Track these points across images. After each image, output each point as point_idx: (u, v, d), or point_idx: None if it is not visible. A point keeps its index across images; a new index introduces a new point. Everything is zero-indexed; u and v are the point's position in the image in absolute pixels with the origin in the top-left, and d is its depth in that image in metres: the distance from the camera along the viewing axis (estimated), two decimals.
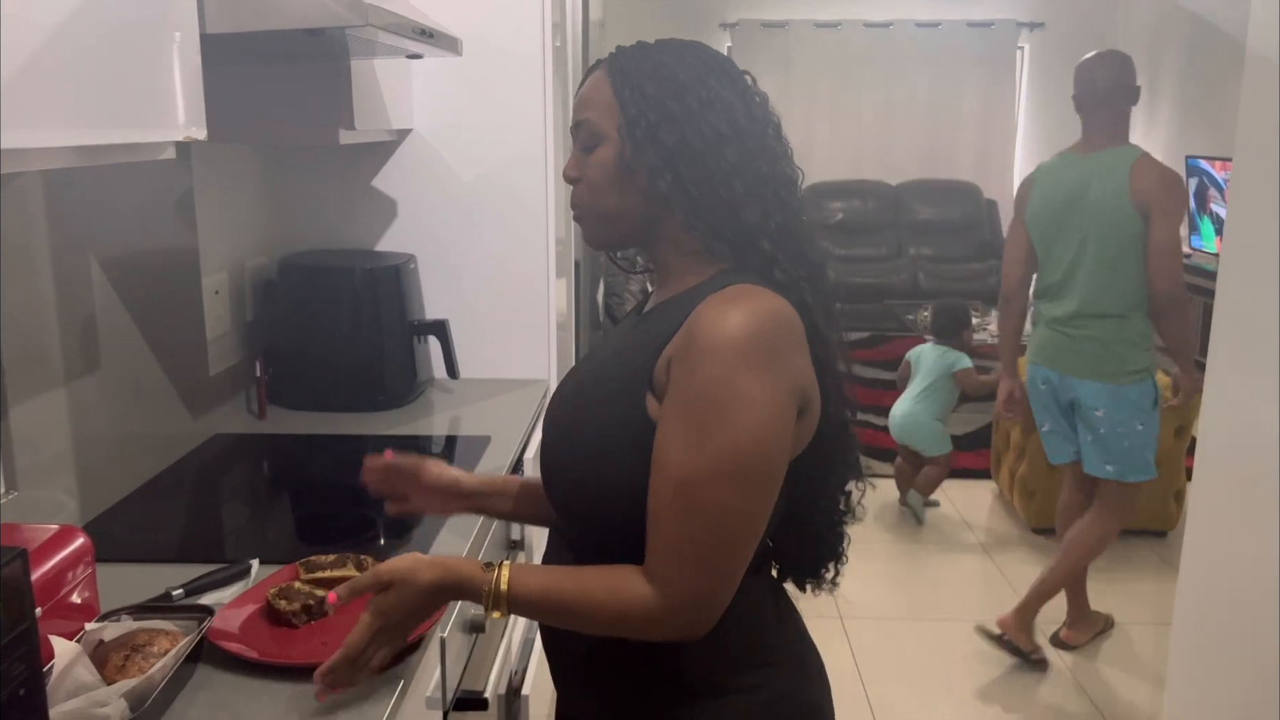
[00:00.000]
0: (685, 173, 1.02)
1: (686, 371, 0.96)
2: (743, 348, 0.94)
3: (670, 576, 0.96)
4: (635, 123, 1.03)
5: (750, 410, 0.94)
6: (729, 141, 1.03)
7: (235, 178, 2.14)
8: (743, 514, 0.97)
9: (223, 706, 1.05)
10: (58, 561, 1.06)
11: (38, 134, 0.90)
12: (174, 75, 1.14)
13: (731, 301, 0.97)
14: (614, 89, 1.05)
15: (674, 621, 0.97)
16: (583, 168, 1.09)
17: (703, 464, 0.94)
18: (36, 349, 1.43)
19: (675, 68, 1.04)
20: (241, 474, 1.87)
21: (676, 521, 0.96)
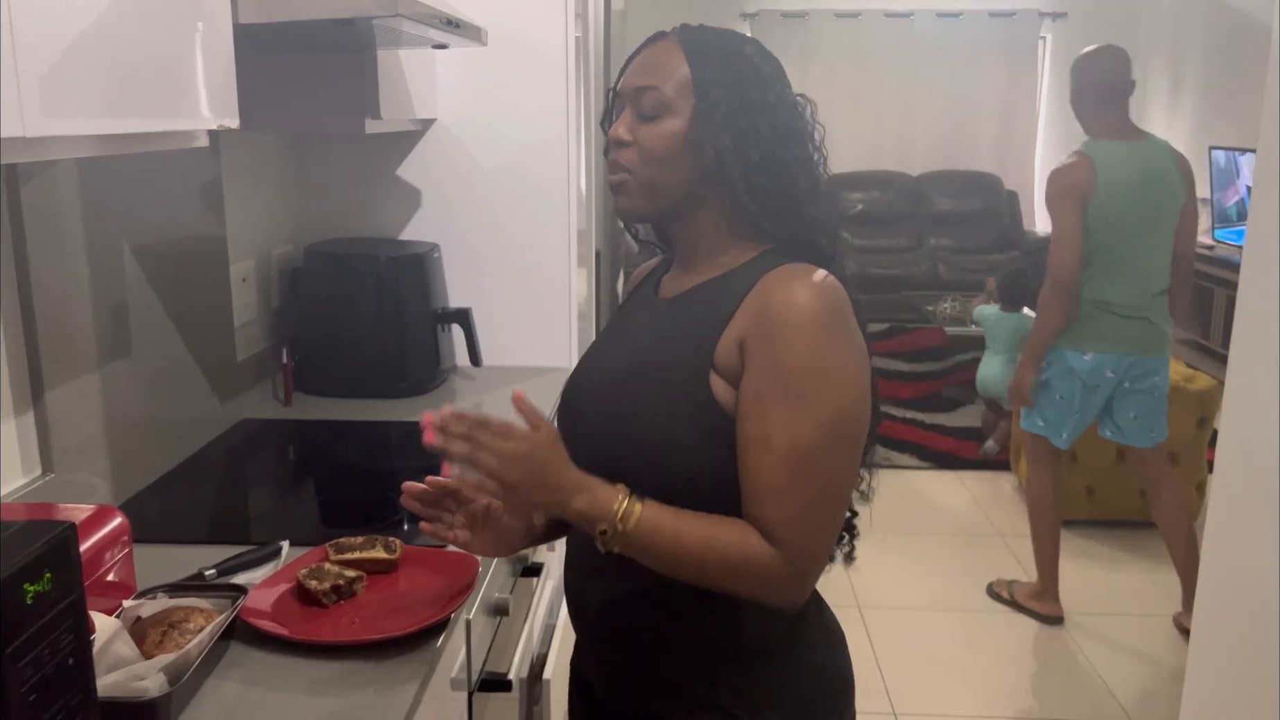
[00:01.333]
0: (755, 158, 1.05)
1: (773, 351, 1.00)
2: (826, 319, 1.00)
3: (797, 543, 1.00)
4: (715, 105, 1.05)
5: (844, 375, 1.00)
6: (794, 137, 1.07)
7: (262, 167, 2.16)
8: (849, 474, 1.04)
9: (255, 682, 1.07)
10: (97, 540, 1.09)
11: (75, 122, 0.92)
12: (208, 65, 1.16)
13: (795, 278, 1.02)
14: (690, 64, 1.07)
15: (793, 584, 1.02)
16: (637, 132, 1.08)
17: (813, 432, 0.98)
18: (71, 335, 1.46)
19: (756, 60, 1.08)
20: (268, 458, 1.90)
21: (796, 490, 0.99)
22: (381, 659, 1.12)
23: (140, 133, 1.05)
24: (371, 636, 1.13)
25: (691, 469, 1.03)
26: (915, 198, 7.58)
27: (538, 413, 1.00)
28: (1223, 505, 2.11)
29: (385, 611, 1.20)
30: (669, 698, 1.12)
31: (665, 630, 1.11)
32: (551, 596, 2.37)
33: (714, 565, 1.01)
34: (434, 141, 2.30)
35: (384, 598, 1.24)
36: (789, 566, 1.00)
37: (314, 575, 1.23)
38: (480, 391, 2.23)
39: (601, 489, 1.01)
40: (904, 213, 7.50)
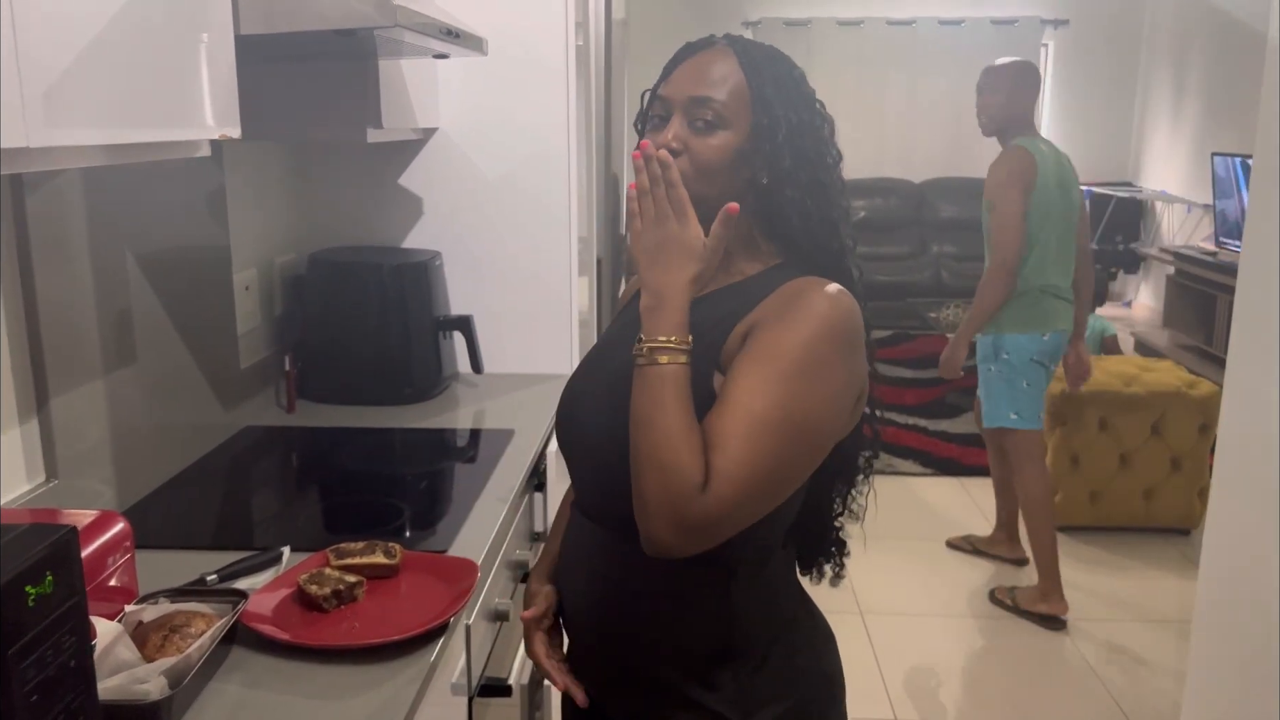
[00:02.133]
0: (804, 178, 1.08)
1: (780, 330, 1.01)
2: (838, 328, 1.02)
3: (716, 493, 0.96)
4: (776, 123, 1.07)
5: (827, 384, 1.01)
6: (828, 148, 1.11)
7: (265, 176, 2.18)
8: (790, 469, 1.02)
9: (256, 686, 1.08)
10: (99, 545, 1.10)
11: (78, 132, 0.93)
12: (210, 75, 1.18)
13: (820, 286, 1.04)
14: (749, 81, 1.08)
15: (687, 527, 0.97)
16: (690, 143, 1.08)
17: (774, 411, 0.98)
18: (75, 342, 1.48)
19: (804, 84, 1.11)
20: (271, 465, 1.91)
21: (738, 448, 0.97)
22: (381, 663, 1.13)
23: (143, 143, 1.06)
24: (371, 641, 1.14)
25: None
26: (918, 204, 7.59)
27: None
28: (1221, 510, 2.12)
29: (385, 616, 1.21)
30: (660, 700, 1.13)
31: (655, 632, 1.12)
32: None
33: (652, 444, 0.98)
34: (436, 150, 2.32)
35: (384, 603, 1.25)
36: (699, 506, 0.96)
37: (314, 580, 1.24)
38: (483, 399, 2.24)
39: (677, 313, 1.01)
40: (906, 219, 7.51)
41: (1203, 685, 2.18)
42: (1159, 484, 3.76)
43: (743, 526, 1.01)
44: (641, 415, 1.00)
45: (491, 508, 1.63)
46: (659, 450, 0.98)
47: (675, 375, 1.00)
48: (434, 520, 1.61)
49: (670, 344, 1.01)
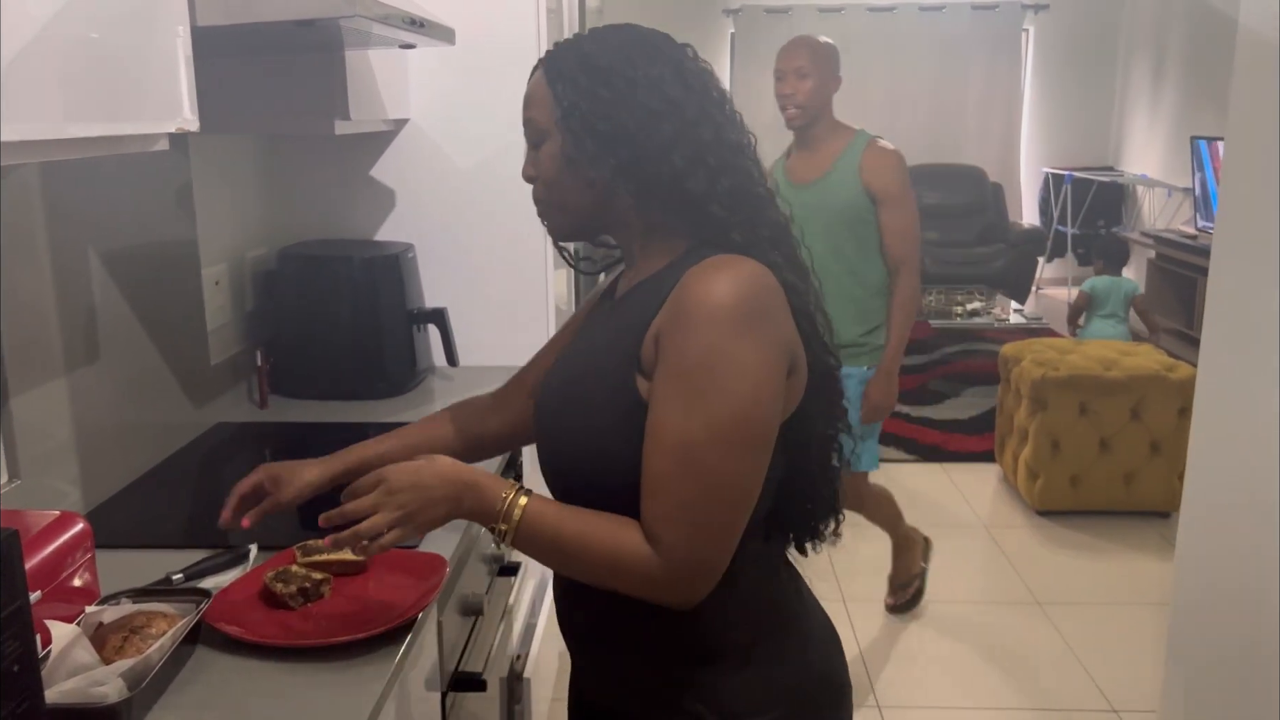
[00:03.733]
0: (624, 154, 1.05)
1: (679, 340, 0.98)
2: (732, 314, 0.97)
3: (670, 541, 0.98)
4: (570, 114, 1.06)
5: (744, 375, 0.97)
6: (662, 116, 1.04)
7: (234, 169, 2.16)
8: (739, 478, 0.99)
9: (220, 686, 1.07)
10: (57, 546, 1.09)
11: (24, 127, 0.91)
12: (165, 67, 1.16)
13: (715, 270, 1.00)
14: (549, 83, 1.09)
15: (671, 584, 0.99)
16: (533, 164, 1.12)
17: (700, 430, 0.96)
18: (37, 340, 1.46)
19: (599, 54, 1.07)
20: (243, 462, 1.89)
21: (675, 487, 0.98)
22: (348, 661, 1.11)
23: (96, 136, 1.04)
24: (338, 639, 1.13)
25: (626, 472, 1.02)
26: None
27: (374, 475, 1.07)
28: (1197, 493, 2.12)
29: (353, 613, 1.20)
30: (645, 700, 1.12)
31: (639, 632, 1.10)
32: (531, 595, 2.37)
33: (591, 560, 1.01)
34: (407, 141, 2.30)
35: (352, 599, 1.24)
36: (664, 566, 0.98)
37: (280, 578, 1.23)
38: (458, 392, 2.22)
39: (491, 484, 1.05)
40: None
41: (1181, 667, 2.19)
42: (1139, 468, 3.77)
43: (730, 541, 1.00)
44: (558, 557, 1.04)
45: None
46: (594, 564, 1.01)
47: (536, 511, 1.03)
48: None
49: (505, 504, 1.03)
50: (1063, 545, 3.67)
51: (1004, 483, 4.24)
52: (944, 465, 4.45)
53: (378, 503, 1.04)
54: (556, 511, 1.04)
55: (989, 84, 7.79)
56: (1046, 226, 7.67)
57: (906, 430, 4.73)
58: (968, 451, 4.54)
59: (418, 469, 1.05)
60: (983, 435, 4.62)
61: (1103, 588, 3.36)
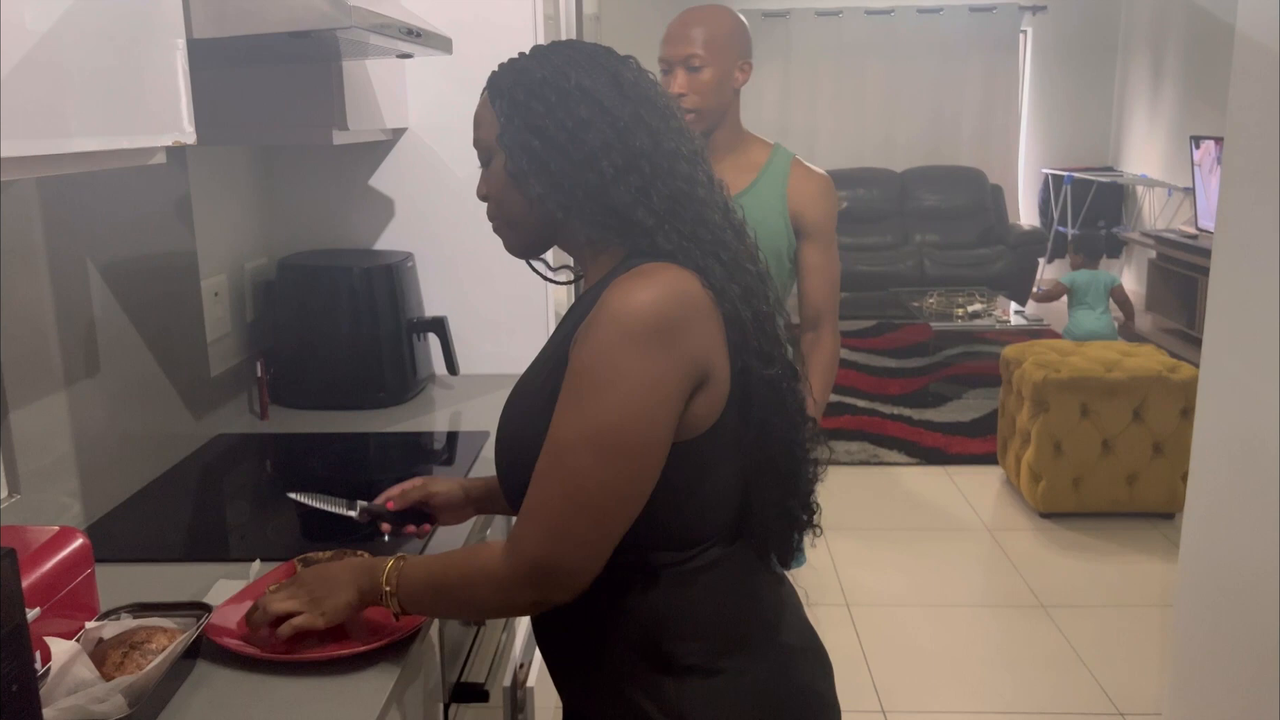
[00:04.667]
0: (555, 167, 1.06)
1: (579, 347, 1.00)
2: (628, 324, 0.97)
3: (523, 537, 1.01)
4: (506, 130, 1.08)
5: (623, 385, 0.97)
6: (590, 126, 1.05)
7: (232, 180, 2.16)
8: (602, 485, 0.98)
9: (221, 701, 1.07)
10: (57, 562, 1.08)
11: (18, 143, 0.91)
12: (162, 80, 1.15)
13: (631, 281, 1.00)
14: (491, 101, 1.11)
15: (518, 583, 1.01)
16: (487, 183, 1.15)
17: (571, 432, 0.98)
18: (36, 353, 1.45)
19: (534, 69, 1.08)
20: (244, 473, 1.89)
21: (540, 485, 1.00)
22: (350, 673, 1.11)
23: (92, 151, 1.04)
24: (340, 652, 1.12)
25: None
26: (899, 194, 7.60)
27: None
28: (1200, 494, 2.12)
29: (354, 626, 1.19)
30: (608, 705, 1.11)
31: (603, 640, 1.09)
32: None
33: (459, 587, 1.07)
34: (406, 150, 2.29)
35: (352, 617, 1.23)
36: (511, 566, 1.01)
37: None
38: (459, 400, 2.22)
39: (373, 565, 1.13)
40: (888, 210, 7.52)
41: (1185, 669, 2.19)
42: (1142, 469, 3.77)
43: (588, 549, 1.00)
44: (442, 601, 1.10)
45: None
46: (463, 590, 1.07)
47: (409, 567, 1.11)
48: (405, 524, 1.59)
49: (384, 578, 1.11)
50: (1066, 547, 3.66)
51: (1006, 485, 4.23)
52: (946, 468, 4.45)
53: (289, 594, 1.14)
54: (425, 561, 1.11)
55: (987, 85, 7.79)
56: (1047, 227, 7.67)
57: (908, 433, 4.73)
58: (970, 454, 4.54)
59: (324, 568, 1.16)
60: (985, 438, 4.61)
61: (1107, 590, 3.35)
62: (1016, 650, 3.01)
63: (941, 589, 3.39)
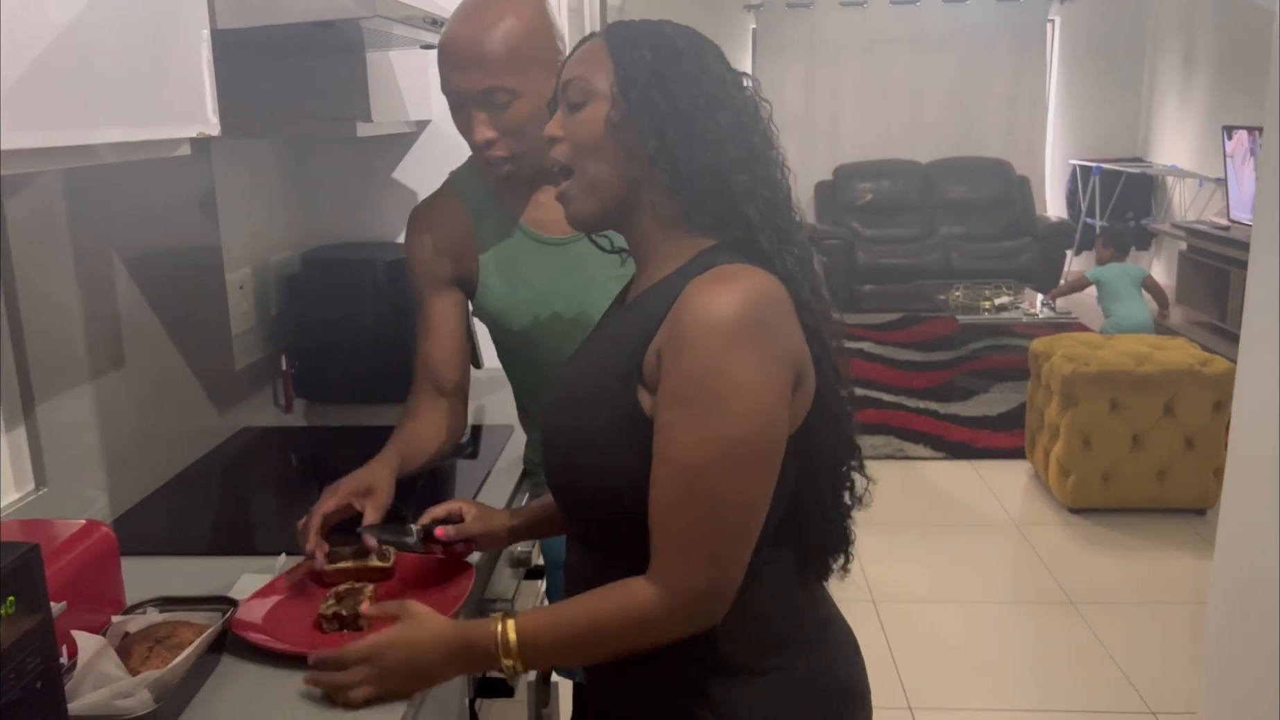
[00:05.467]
0: (673, 135, 1.01)
1: (677, 360, 0.95)
2: (730, 331, 0.93)
3: (674, 570, 0.96)
4: (629, 82, 1.02)
5: (745, 395, 0.94)
6: (721, 108, 1.02)
7: (257, 173, 2.15)
8: (744, 500, 0.96)
9: (246, 696, 1.06)
10: (83, 556, 1.08)
11: (44, 134, 0.91)
12: (187, 72, 1.15)
13: (715, 283, 0.96)
14: (610, 50, 1.05)
15: (681, 616, 0.97)
16: (568, 127, 1.07)
17: (699, 453, 0.94)
18: (62, 347, 1.45)
19: (673, 36, 1.05)
20: (268, 467, 1.89)
21: (678, 512, 0.96)
22: None
23: (115, 143, 1.03)
24: None
25: (625, 483, 1.01)
26: (925, 186, 7.53)
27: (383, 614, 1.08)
28: (1236, 490, 2.08)
29: (379, 621, 1.18)
30: (651, 709, 1.10)
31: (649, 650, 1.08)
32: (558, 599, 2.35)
33: (606, 633, 0.99)
34: (430, 143, 2.28)
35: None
36: (671, 601, 0.96)
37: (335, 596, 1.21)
38: (482, 394, 2.21)
39: (472, 640, 1.02)
40: (914, 202, 7.46)
41: (1218, 667, 2.15)
42: (1172, 464, 3.71)
43: (739, 565, 0.98)
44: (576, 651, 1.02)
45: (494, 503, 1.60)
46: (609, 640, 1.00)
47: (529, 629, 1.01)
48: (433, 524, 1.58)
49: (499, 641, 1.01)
50: (1095, 543, 3.62)
51: (1035, 480, 4.19)
52: (973, 462, 4.40)
53: (367, 678, 1.03)
54: (548, 616, 1.02)
55: (1014, 76, 7.70)
56: (1074, 219, 7.58)
57: (934, 427, 4.69)
58: (997, 448, 4.49)
59: (412, 649, 1.03)
60: (1012, 432, 4.57)
61: (1137, 586, 3.31)
62: (1045, 647, 2.98)
63: (968, 585, 3.36)
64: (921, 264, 7.05)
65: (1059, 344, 4.01)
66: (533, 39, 1.38)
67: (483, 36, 1.35)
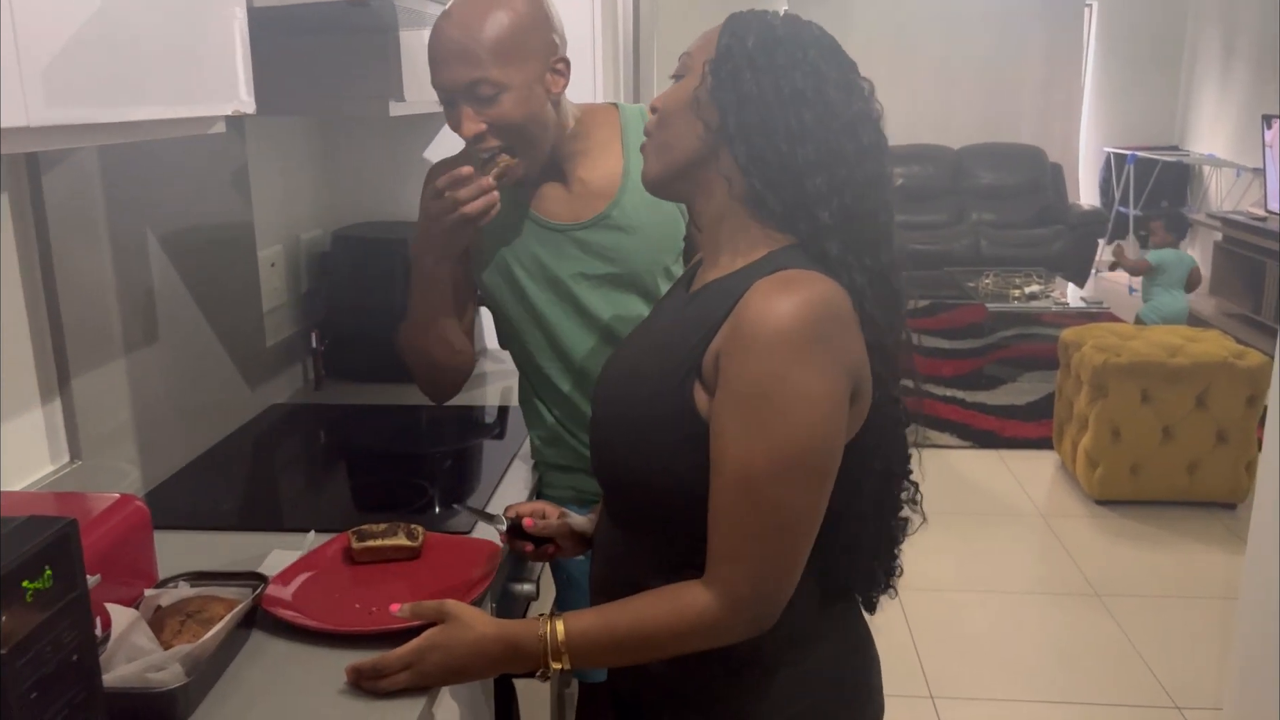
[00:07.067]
0: (751, 120, 1.00)
1: (737, 366, 0.95)
2: (792, 339, 0.92)
3: (732, 577, 0.96)
4: (721, 61, 1.02)
5: (805, 404, 0.93)
6: (807, 104, 0.99)
7: (289, 151, 2.16)
8: (802, 509, 0.96)
9: (275, 672, 1.07)
10: (117, 529, 1.09)
11: (81, 110, 0.91)
12: (222, 50, 1.15)
13: (779, 289, 0.95)
14: (721, 31, 1.05)
15: (734, 623, 0.97)
16: (665, 98, 1.08)
17: (760, 461, 0.93)
18: (97, 322, 1.47)
19: (777, 26, 1.04)
20: (297, 444, 1.90)
21: (736, 520, 0.95)
22: None
23: (151, 120, 1.04)
24: (392, 626, 1.12)
25: (671, 477, 1.00)
26: (955, 172, 7.46)
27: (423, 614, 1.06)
28: (1270, 485, 2.05)
29: (407, 599, 1.19)
30: (671, 701, 1.10)
31: None
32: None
33: (660, 637, 0.98)
34: None
35: (406, 586, 1.24)
36: (729, 606, 0.96)
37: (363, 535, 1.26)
38: (510, 375, 2.21)
39: (518, 642, 1.01)
40: (944, 187, 7.39)
41: (1247, 664, 2.13)
42: (1203, 457, 3.67)
43: (795, 572, 0.98)
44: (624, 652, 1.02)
45: (518, 485, 1.61)
46: (662, 645, 0.99)
47: (579, 631, 1.00)
48: (459, 499, 1.59)
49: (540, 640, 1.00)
50: (1123, 535, 3.59)
51: (1061, 470, 4.15)
52: (999, 452, 4.37)
53: (411, 680, 1.02)
54: (598, 619, 1.02)
55: (1049, 60, 7.60)
56: (1107, 208, 7.48)
57: (961, 415, 4.65)
58: (1024, 438, 4.45)
59: (451, 652, 1.02)
60: (1039, 421, 4.53)
61: (1164, 580, 3.28)
62: (1070, 639, 2.96)
63: (993, 575, 3.34)
64: (950, 250, 6.99)
65: (1090, 334, 3.96)
66: (520, 32, 1.35)
67: (466, 31, 1.34)
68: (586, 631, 1.00)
